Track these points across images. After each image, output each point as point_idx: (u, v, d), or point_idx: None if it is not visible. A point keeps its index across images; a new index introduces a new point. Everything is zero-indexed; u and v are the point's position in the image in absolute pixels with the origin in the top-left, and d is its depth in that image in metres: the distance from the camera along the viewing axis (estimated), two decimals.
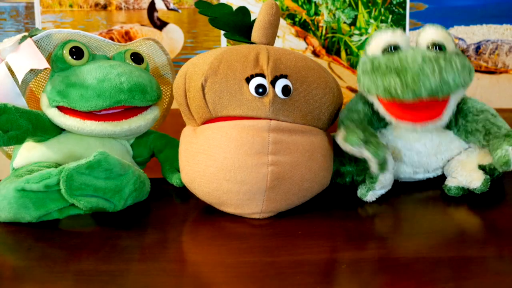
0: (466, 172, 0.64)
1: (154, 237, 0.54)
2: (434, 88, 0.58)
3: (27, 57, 0.63)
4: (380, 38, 0.63)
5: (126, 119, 0.65)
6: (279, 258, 0.48)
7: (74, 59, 0.64)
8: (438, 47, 0.62)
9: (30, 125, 0.59)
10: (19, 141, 0.59)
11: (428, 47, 0.62)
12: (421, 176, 0.70)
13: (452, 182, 0.65)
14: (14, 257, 0.50)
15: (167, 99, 0.77)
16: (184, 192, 0.66)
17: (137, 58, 0.69)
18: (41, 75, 0.69)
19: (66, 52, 0.64)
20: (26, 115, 0.59)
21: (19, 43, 0.64)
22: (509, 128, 0.64)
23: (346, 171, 0.68)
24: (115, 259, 0.48)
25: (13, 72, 0.63)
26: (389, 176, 0.63)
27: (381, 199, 0.65)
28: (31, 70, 0.65)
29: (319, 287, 0.43)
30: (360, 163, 0.66)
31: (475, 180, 0.63)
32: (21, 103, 0.64)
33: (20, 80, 0.62)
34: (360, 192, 0.64)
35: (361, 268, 0.46)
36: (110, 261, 0.48)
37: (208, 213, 0.60)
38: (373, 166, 0.60)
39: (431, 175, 0.70)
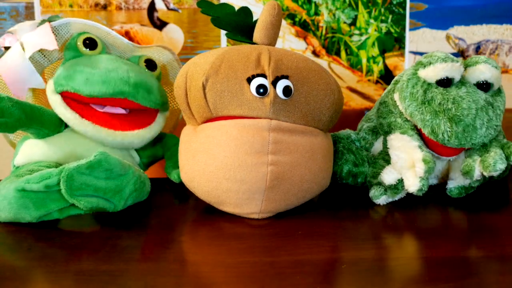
0: (459, 172, 0.65)
1: (154, 237, 0.54)
2: (479, 141, 0.61)
3: (39, 37, 0.64)
4: (439, 68, 0.61)
5: (123, 130, 0.65)
6: (279, 258, 0.48)
7: (88, 49, 0.65)
8: (487, 84, 0.63)
9: (23, 115, 0.59)
10: (10, 129, 0.59)
11: (478, 83, 0.63)
12: (429, 181, 0.70)
13: (452, 184, 0.65)
14: (14, 257, 0.50)
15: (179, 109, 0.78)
16: (184, 192, 0.66)
17: (150, 64, 0.70)
18: (55, 67, 0.70)
19: (80, 43, 0.66)
20: (19, 105, 0.59)
21: (37, 26, 0.65)
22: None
23: (359, 172, 0.68)
24: (115, 259, 0.48)
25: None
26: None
27: None
28: (45, 55, 0.67)
29: (319, 287, 0.43)
30: (377, 165, 0.66)
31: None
32: (37, 80, 0.65)
33: (27, 56, 0.64)
34: (373, 193, 0.64)
35: (361, 268, 0.46)
36: (110, 261, 0.48)
37: (208, 213, 0.60)
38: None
39: (437, 181, 0.70)
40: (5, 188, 0.56)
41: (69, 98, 0.63)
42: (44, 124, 0.63)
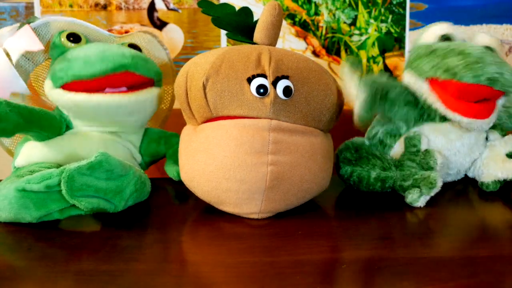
0: (500, 164, 0.65)
1: (154, 237, 0.54)
2: (495, 76, 0.59)
3: (23, 40, 0.64)
4: (436, 27, 0.64)
5: (133, 92, 0.65)
6: (279, 258, 0.49)
7: (73, 43, 0.66)
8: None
9: (21, 119, 0.59)
10: (8, 133, 0.59)
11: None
12: (450, 178, 0.70)
13: (488, 178, 0.65)
14: (14, 257, 0.50)
15: (169, 98, 0.77)
16: (183, 192, 0.66)
17: (135, 49, 0.70)
18: (41, 71, 0.70)
19: (64, 39, 0.65)
20: (17, 110, 0.59)
21: (17, 29, 0.65)
22: None
23: (388, 177, 0.66)
24: (115, 259, 0.48)
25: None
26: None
27: (380, 199, 0.65)
28: (30, 59, 0.66)
29: (319, 287, 0.43)
30: (404, 168, 0.66)
31: (511, 170, 0.65)
32: (21, 86, 0.65)
33: (14, 61, 0.63)
34: (412, 197, 0.63)
35: (361, 268, 0.46)
36: (110, 261, 0.48)
37: (208, 213, 0.60)
38: (357, 103, 0.60)
39: (458, 177, 0.70)
40: (5, 188, 0.56)
41: (70, 85, 0.63)
42: (44, 127, 0.63)
